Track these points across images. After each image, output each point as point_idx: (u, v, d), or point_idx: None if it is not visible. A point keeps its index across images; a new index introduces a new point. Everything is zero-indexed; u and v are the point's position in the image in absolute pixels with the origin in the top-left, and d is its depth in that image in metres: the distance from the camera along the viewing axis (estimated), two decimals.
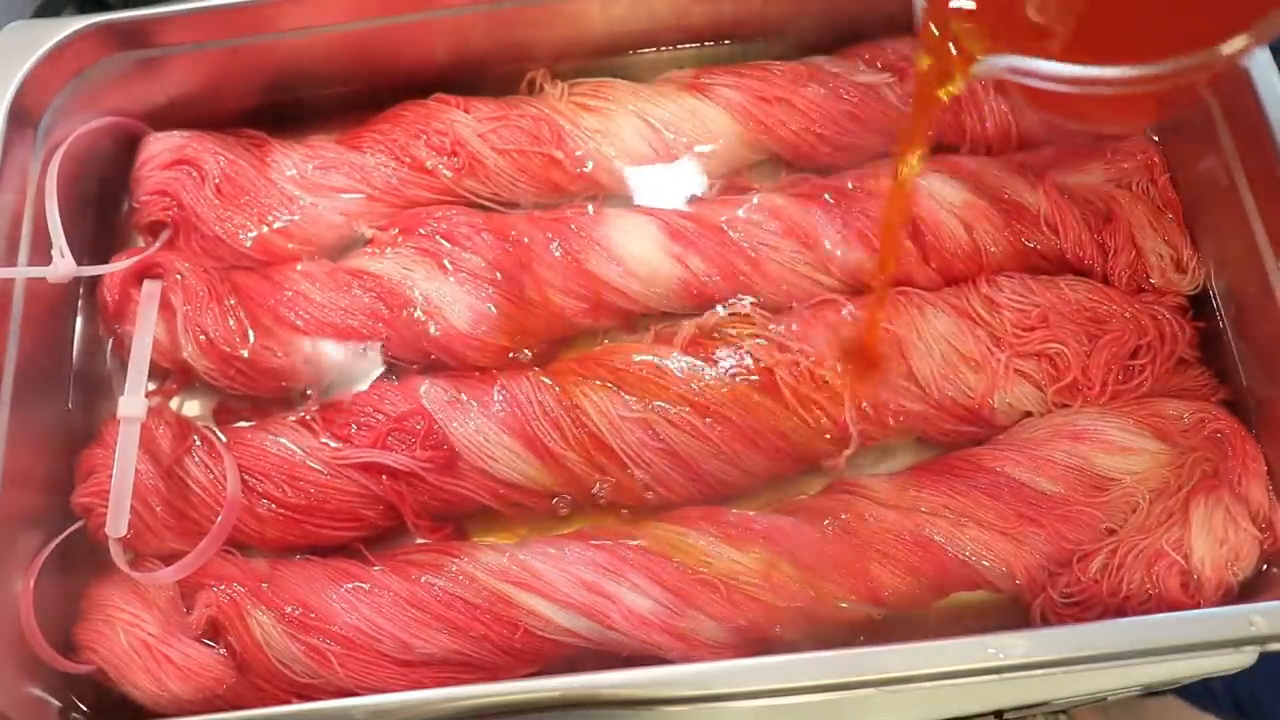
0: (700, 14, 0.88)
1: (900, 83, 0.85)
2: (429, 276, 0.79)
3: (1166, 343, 0.78)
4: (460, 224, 0.80)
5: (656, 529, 0.73)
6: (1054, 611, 0.72)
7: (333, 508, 0.75)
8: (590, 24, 0.87)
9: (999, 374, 0.76)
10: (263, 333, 0.78)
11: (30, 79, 0.78)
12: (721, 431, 0.74)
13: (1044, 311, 0.77)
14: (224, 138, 0.84)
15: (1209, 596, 0.70)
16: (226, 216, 0.81)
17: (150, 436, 0.74)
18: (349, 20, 0.83)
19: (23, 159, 0.78)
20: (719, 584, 0.70)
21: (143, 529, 0.73)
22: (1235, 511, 0.71)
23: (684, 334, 0.77)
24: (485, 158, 0.83)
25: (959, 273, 0.81)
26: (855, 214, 0.80)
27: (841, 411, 0.75)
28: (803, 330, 0.77)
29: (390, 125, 0.84)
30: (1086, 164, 0.83)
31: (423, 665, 0.70)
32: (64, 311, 0.82)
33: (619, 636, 0.70)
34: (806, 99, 0.84)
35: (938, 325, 0.77)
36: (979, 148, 0.85)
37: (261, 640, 0.70)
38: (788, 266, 0.80)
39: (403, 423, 0.75)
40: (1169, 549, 0.70)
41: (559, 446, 0.74)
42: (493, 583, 0.71)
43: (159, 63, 0.83)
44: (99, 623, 0.71)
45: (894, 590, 0.72)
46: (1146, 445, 0.74)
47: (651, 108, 0.85)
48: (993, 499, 0.72)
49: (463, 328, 0.78)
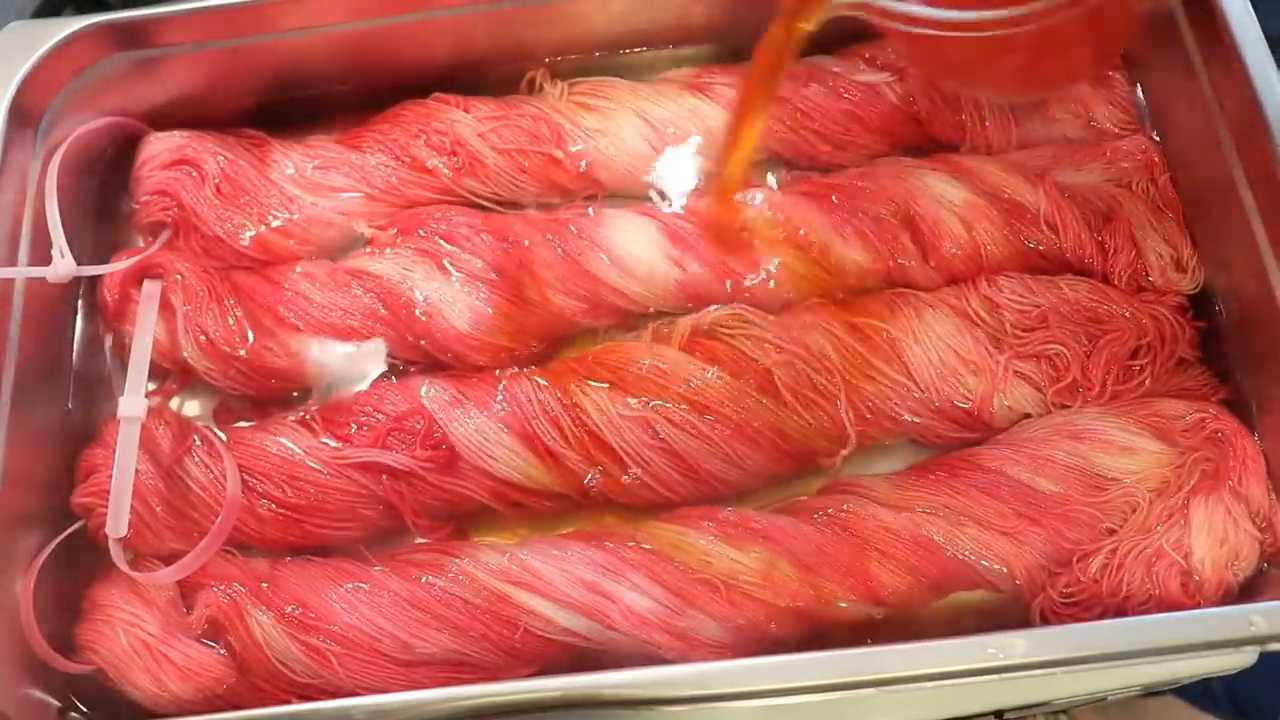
0: (700, 14, 0.88)
1: (900, 82, 0.85)
2: (429, 277, 0.79)
3: (1167, 343, 0.78)
4: (460, 225, 0.80)
5: (656, 528, 0.73)
6: (1054, 611, 0.72)
7: (333, 508, 0.75)
8: (590, 23, 0.87)
9: (998, 376, 0.76)
10: (263, 333, 0.78)
11: (30, 79, 0.78)
12: (721, 430, 0.74)
13: (1044, 312, 0.77)
14: (224, 137, 0.84)
15: (1209, 596, 0.70)
16: (226, 216, 0.81)
17: (150, 436, 0.74)
18: (349, 20, 0.83)
19: (23, 159, 0.78)
20: (719, 583, 0.70)
21: (143, 529, 0.73)
22: (1235, 511, 0.71)
23: (681, 332, 0.77)
24: (485, 157, 0.83)
25: (958, 272, 0.81)
26: (856, 213, 0.80)
27: (839, 410, 0.75)
28: (797, 329, 0.77)
29: (390, 125, 0.84)
30: (1086, 163, 0.83)
31: (423, 665, 0.70)
32: (64, 311, 0.82)
33: (619, 636, 0.70)
34: (806, 98, 0.84)
35: (937, 328, 0.77)
36: (978, 147, 0.85)
37: (261, 640, 0.70)
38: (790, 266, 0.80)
39: (403, 422, 0.75)
40: (1169, 549, 0.70)
41: (559, 445, 0.74)
42: (492, 582, 0.71)
43: (159, 63, 0.83)
44: (99, 623, 0.71)
45: (893, 590, 0.71)
46: (1146, 445, 0.74)
47: (651, 107, 0.85)
48: (992, 498, 0.72)
49: (462, 328, 0.78)
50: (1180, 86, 0.82)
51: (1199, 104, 0.79)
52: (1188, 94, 0.80)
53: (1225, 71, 0.76)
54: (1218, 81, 0.78)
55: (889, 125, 0.85)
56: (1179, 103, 0.83)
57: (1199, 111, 0.80)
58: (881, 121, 0.85)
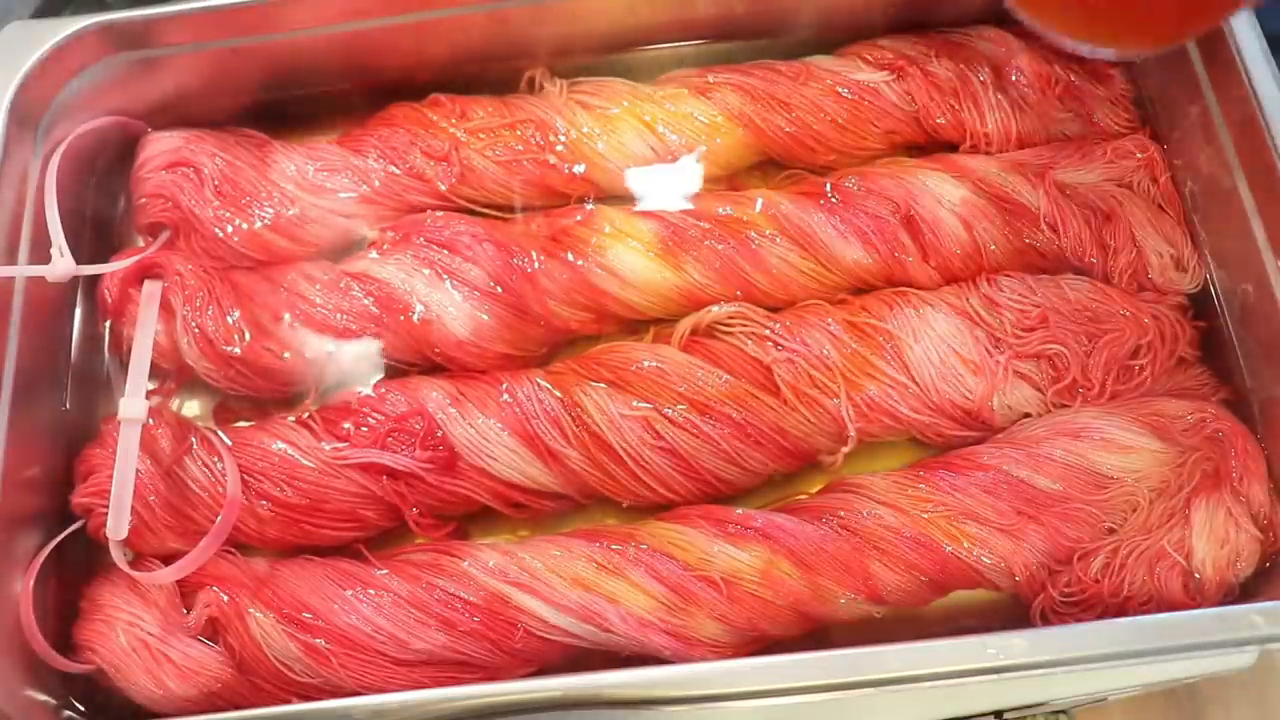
0: (700, 13, 0.88)
1: (899, 81, 0.85)
2: (430, 284, 0.79)
3: (1167, 342, 0.78)
4: (462, 234, 0.80)
5: (656, 527, 0.73)
6: (1054, 610, 0.72)
7: (332, 508, 0.75)
8: (591, 21, 0.87)
9: (998, 376, 0.76)
10: (262, 333, 0.78)
11: (30, 79, 0.78)
12: (721, 429, 0.74)
13: (1044, 311, 0.77)
14: (223, 138, 0.84)
15: (1210, 598, 0.70)
16: (226, 217, 0.81)
17: (150, 436, 0.74)
18: (349, 20, 0.83)
19: (23, 159, 0.78)
20: (719, 582, 0.70)
21: (143, 529, 0.73)
22: (1237, 512, 0.71)
23: (681, 332, 0.77)
24: (481, 167, 0.83)
25: (959, 272, 0.81)
26: (858, 214, 0.80)
27: (839, 408, 0.75)
28: (797, 328, 0.77)
29: (389, 129, 0.84)
30: (1087, 162, 0.83)
31: (422, 665, 0.70)
32: (63, 311, 0.82)
33: (618, 637, 0.70)
34: (806, 99, 0.84)
35: (937, 327, 0.77)
36: (978, 146, 0.85)
37: (260, 640, 0.70)
38: (791, 266, 0.80)
39: (403, 423, 0.75)
40: (1170, 550, 0.70)
41: (560, 445, 0.74)
42: (492, 583, 0.71)
43: (159, 63, 0.83)
44: (98, 622, 0.71)
45: (893, 588, 0.72)
46: (1147, 444, 0.74)
47: (651, 108, 0.85)
48: (992, 496, 0.72)
49: (463, 335, 0.78)
50: (1180, 86, 0.82)
51: (1198, 103, 0.80)
52: (1188, 94, 0.80)
53: (1225, 71, 0.76)
54: (1218, 81, 0.78)
55: (889, 125, 0.85)
56: (1179, 102, 0.83)
57: (1199, 110, 0.80)
58: (881, 121, 0.85)
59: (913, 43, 0.87)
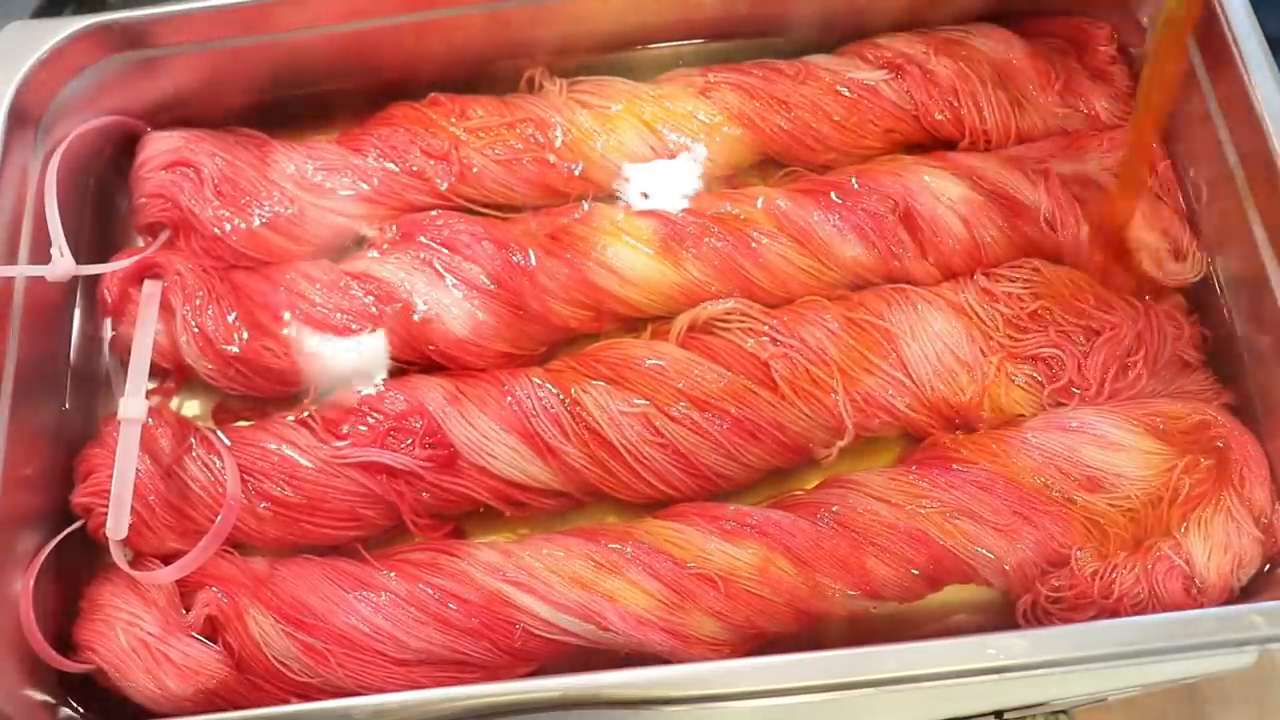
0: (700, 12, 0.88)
1: (898, 80, 0.85)
2: (429, 283, 0.79)
3: (1167, 341, 0.77)
4: (461, 232, 0.80)
5: (653, 525, 0.73)
6: (1044, 610, 0.71)
7: (332, 507, 0.75)
8: (592, 20, 0.87)
9: (995, 376, 0.76)
10: (262, 333, 0.78)
11: (30, 79, 0.78)
12: (720, 425, 0.74)
13: (1041, 309, 0.77)
14: (223, 137, 0.84)
15: (1212, 601, 0.70)
16: (225, 217, 0.81)
17: (150, 436, 0.74)
18: (349, 20, 0.83)
19: (23, 159, 0.78)
20: (716, 580, 0.70)
21: (142, 529, 0.73)
22: (1239, 515, 0.70)
23: (678, 328, 0.77)
24: (481, 167, 0.83)
25: (957, 268, 0.81)
26: (857, 211, 0.80)
27: (836, 403, 0.75)
28: (795, 323, 0.77)
29: (389, 129, 0.84)
30: (1083, 153, 0.82)
31: (421, 664, 0.70)
32: (63, 311, 0.82)
33: (616, 636, 0.70)
34: (805, 97, 0.84)
35: (934, 323, 0.77)
36: (977, 143, 0.85)
37: (260, 639, 0.70)
38: (790, 263, 0.80)
39: (402, 422, 0.75)
40: (1170, 553, 0.69)
41: (559, 443, 0.74)
42: (490, 582, 0.71)
43: (159, 63, 0.83)
44: (98, 622, 0.71)
45: (889, 583, 0.72)
46: (1145, 444, 0.73)
47: (651, 107, 0.85)
48: (986, 493, 0.72)
49: (463, 334, 0.78)
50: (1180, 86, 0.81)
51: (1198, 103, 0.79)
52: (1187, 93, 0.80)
53: (1225, 74, 0.76)
54: (1217, 83, 0.78)
55: (888, 123, 0.85)
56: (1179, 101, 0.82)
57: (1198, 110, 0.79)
58: (881, 119, 0.85)
59: (912, 41, 0.87)
